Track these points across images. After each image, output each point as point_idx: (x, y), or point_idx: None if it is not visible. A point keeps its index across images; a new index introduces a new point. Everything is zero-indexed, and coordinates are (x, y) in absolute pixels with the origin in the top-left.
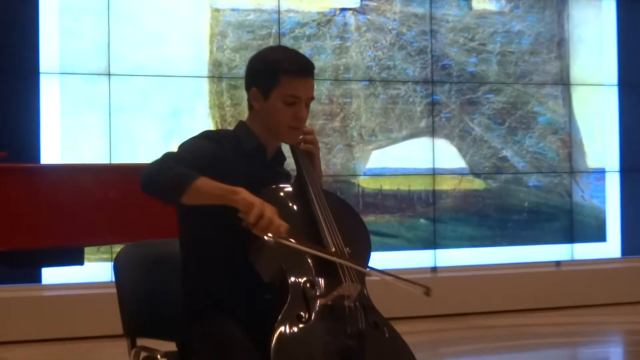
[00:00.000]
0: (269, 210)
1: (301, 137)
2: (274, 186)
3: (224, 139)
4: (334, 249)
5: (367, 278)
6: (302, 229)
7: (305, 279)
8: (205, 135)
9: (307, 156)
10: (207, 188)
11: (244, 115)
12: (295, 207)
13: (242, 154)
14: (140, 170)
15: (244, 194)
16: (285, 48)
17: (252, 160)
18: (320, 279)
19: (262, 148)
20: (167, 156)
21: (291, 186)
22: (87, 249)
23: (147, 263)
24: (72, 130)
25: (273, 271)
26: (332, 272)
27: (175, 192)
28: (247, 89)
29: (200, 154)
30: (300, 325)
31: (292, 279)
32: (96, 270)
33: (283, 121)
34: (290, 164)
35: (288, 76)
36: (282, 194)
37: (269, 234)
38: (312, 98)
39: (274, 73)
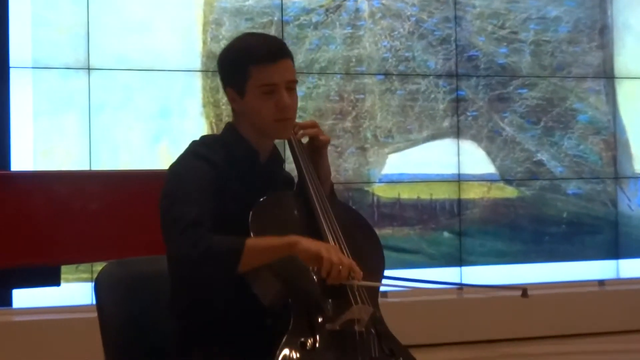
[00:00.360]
0: (335, 255)
1: (300, 131)
2: (266, 197)
3: (213, 150)
4: None
5: (381, 299)
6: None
7: (309, 301)
8: (195, 153)
9: (314, 153)
10: (259, 251)
11: None
12: (294, 219)
13: (234, 162)
14: (121, 177)
15: (302, 244)
16: (250, 35)
17: (245, 168)
18: (327, 301)
19: (254, 152)
20: (181, 224)
21: (290, 193)
22: (64, 268)
23: (132, 283)
24: (47, 132)
25: (273, 293)
26: (340, 293)
27: (227, 273)
28: (224, 90)
29: (205, 184)
30: (305, 355)
31: (295, 301)
32: (74, 291)
33: (266, 115)
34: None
35: (257, 65)
36: (277, 205)
37: (346, 282)
38: (294, 80)
39: (242, 66)
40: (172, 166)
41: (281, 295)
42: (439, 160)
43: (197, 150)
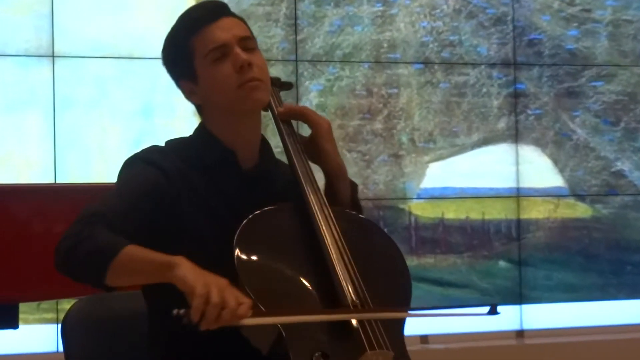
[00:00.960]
0: (218, 293)
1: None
2: (257, 213)
3: (174, 154)
4: (350, 297)
5: (420, 346)
6: (301, 269)
7: (314, 348)
8: (144, 157)
9: (314, 144)
10: (136, 262)
11: None
12: (289, 235)
13: (203, 170)
14: (95, 193)
15: (181, 269)
16: (185, 10)
17: (218, 176)
18: (336, 347)
19: (230, 154)
20: (85, 212)
21: (288, 203)
22: (22, 307)
23: (106, 324)
24: (1, 135)
25: (270, 341)
26: (352, 335)
27: (92, 274)
28: (179, 88)
29: (138, 191)
30: None
31: (297, 350)
32: (36, 335)
33: (225, 84)
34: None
35: (196, 33)
36: (270, 219)
37: (227, 323)
38: (248, 37)
39: (183, 44)
40: (119, 170)
41: (279, 343)
42: (493, 171)
43: (145, 155)
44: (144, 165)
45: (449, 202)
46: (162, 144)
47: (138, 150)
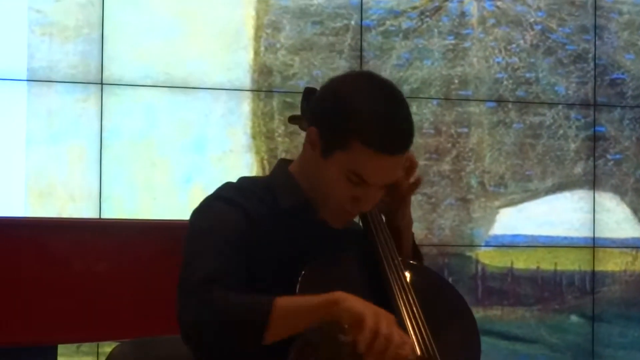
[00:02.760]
0: (386, 325)
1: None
2: (322, 258)
3: (248, 197)
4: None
5: None
6: None
7: None
8: (225, 198)
9: (394, 200)
10: (293, 312)
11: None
12: (356, 287)
13: (278, 214)
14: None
15: (348, 302)
16: (379, 93)
17: (292, 221)
18: None
19: (307, 205)
20: (191, 283)
21: (353, 253)
22: (61, 349)
23: None
24: (43, 166)
25: None
26: None
27: (250, 340)
28: (308, 122)
29: (231, 236)
30: None
31: None
32: None
33: (335, 199)
34: None
35: (363, 146)
36: (334, 268)
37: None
38: (393, 181)
39: (344, 130)
40: (193, 214)
41: None
42: (568, 219)
43: (228, 195)
44: (224, 205)
45: (520, 250)
46: (229, 180)
47: (189, 185)
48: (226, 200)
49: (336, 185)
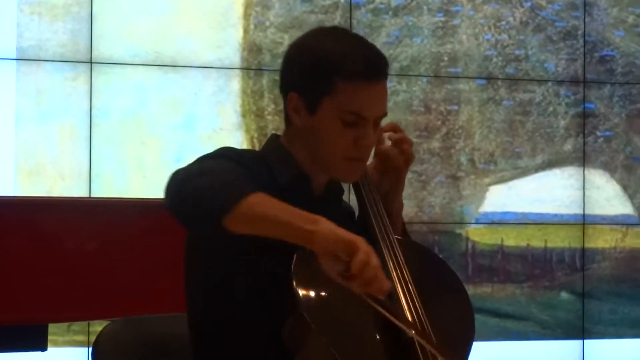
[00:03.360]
0: (374, 256)
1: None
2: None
3: (252, 165)
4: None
5: None
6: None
7: None
8: (228, 156)
9: (387, 176)
10: (267, 208)
11: None
12: None
13: (275, 189)
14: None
15: (327, 224)
16: (344, 33)
17: (290, 198)
18: None
19: (305, 179)
20: (205, 160)
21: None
22: (52, 328)
23: (141, 349)
24: (33, 145)
25: None
26: None
27: (216, 210)
28: (284, 93)
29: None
30: None
31: None
32: (66, 358)
33: (340, 149)
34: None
35: (347, 81)
36: None
37: (368, 293)
38: (385, 114)
39: (326, 74)
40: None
41: None
42: (558, 196)
43: (230, 154)
44: (228, 162)
45: (510, 228)
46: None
47: (180, 164)
48: (227, 158)
49: (333, 133)
